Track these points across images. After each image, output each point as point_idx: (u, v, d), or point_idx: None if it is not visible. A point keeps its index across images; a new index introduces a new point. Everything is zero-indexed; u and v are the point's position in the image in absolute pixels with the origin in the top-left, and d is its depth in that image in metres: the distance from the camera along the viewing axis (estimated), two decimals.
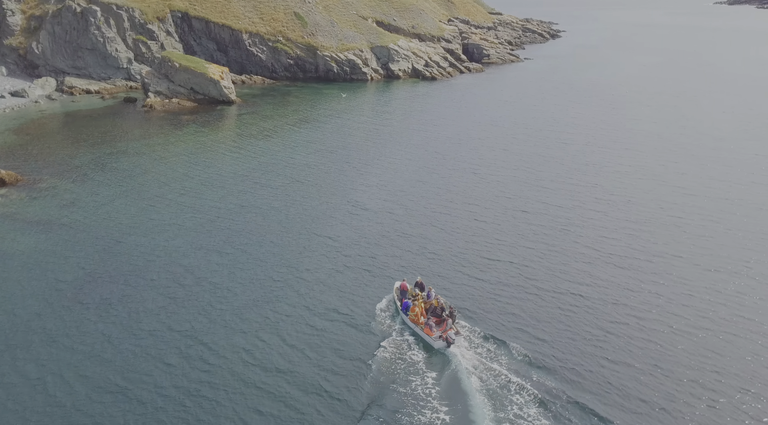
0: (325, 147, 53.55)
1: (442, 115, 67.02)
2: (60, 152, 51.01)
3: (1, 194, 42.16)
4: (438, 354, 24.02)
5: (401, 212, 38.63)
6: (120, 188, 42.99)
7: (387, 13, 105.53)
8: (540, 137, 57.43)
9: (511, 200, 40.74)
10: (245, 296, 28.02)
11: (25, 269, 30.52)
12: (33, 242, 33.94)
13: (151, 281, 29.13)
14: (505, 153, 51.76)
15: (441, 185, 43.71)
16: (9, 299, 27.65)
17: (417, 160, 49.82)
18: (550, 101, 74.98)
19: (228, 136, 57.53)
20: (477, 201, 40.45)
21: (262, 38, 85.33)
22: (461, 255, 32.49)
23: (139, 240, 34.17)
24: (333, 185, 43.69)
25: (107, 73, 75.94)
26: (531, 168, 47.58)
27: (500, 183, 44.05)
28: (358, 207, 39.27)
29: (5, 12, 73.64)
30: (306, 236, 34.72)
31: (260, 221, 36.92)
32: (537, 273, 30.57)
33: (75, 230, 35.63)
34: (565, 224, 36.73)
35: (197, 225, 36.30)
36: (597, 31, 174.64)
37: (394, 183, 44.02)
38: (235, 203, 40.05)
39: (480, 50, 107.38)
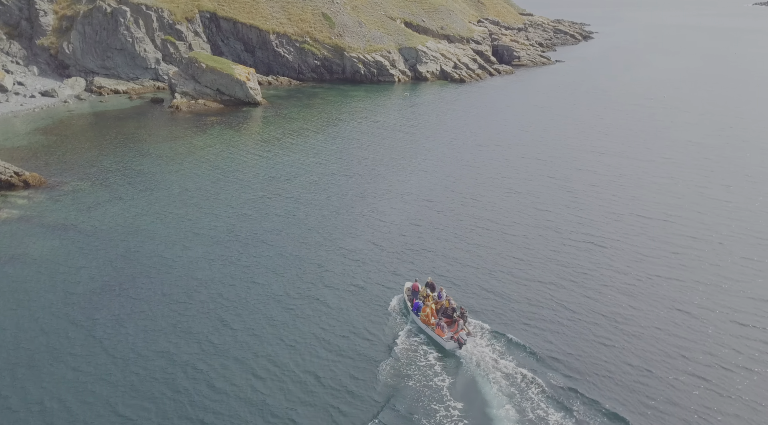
0: (349, 152, 51.87)
1: (471, 119, 64.74)
2: (85, 154, 50.41)
3: (23, 196, 41.59)
4: (449, 354, 23.70)
5: (425, 223, 36.64)
6: (141, 192, 42.00)
7: (416, 13, 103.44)
8: (573, 144, 54.75)
9: (543, 213, 38.37)
10: (259, 314, 26.43)
11: (37, 279, 29.49)
12: (48, 249, 32.98)
13: (164, 296, 27.76)
14: (536, 162, 49.28)
15: (468, 194, 41.56)
16: (16, 311, 26.55)
17: (443, 167, 47.74)
18: (583, 106, 72.00)
19: (252, 139, 56.32)
20: (506, 214, 38.20)
21: (290, 39, 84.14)
22: (491, 273, 30.37)
23: (155, 249, 32.93)
24: (355, 193, 41.94)
25: (135, 74, 75.63)
26: (563, 178, 45.07)
27: (530, 194, 41.68)
28: (381, 218, 37.40)
29: (38, 12, 73.86)
30: (325, 249, 33.00)
31: (279, 231, 35.37)
32: (570, 295, 28.31)
33: (91, 237, 34.60)
34: (601, 241, 34.24)
35: (215, 234, 34.93)
36: (631, 32, 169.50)
37: (418, 192, 42.05)
38: (254, 210, 38.62)
39: (510, 52, 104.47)
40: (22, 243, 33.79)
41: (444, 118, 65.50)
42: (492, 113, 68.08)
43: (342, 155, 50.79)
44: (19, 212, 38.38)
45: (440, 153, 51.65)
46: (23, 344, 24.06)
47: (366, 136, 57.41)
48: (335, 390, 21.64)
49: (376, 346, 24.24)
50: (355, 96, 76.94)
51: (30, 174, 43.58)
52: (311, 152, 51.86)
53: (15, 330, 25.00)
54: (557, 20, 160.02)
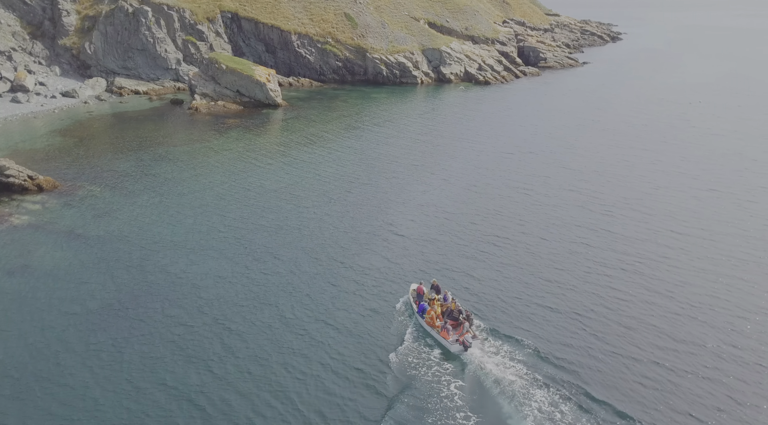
0: (369, 159, 49.70)
1: (495, 124, 62.07)
2: (100, 156, 49.18)
3: (36, 200, 40.37)
4: (454, 358, 23.28)
5: (445, 238, 34.24)
6: (153, 198, 40.45)
7: (440, 14, 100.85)
8: (603, 153, 51.78)
9: (571, 229, 35.69)
10: (265, 339, 24.35)
11: (35, 295, 27.78)
12: (52, 261, 31.43)
13: (166, 318, 25.84)
14: (564, 171, 46.49)
15: (490, 207, 38.98)
16: (7, 332, 24.82)
17: (465, 176, 45.22)
18: (613, 111, 68.73)
19: (270, 143, 54.52)
20: (531, 229, 35.59)
21: (311, 39, 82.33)
22: (518, 298, 27.93)
23: (161, 262, 31.14)
24: (373, 204, 39.73)
25: (156, 74, 74.57)
26: (593, 191, 42.26)
27: (558, 207, 38.99)
28: (398, 232, 35.01)
29: (61, 12, 73.22)
30: (339, 266, 30.78)
31: (292, 244, 33.32)
32: (602, 325, 25.74)
33: (98, 247, 33.00)
34: (635, 262, 31.50)
35: (225, 247, 33.02)
36: (660, 33, 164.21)
37: (438, 203, 39.64)
38: (268, 220, 36.65)
39: (536, 53, 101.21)
40: (28, 253, 32.35)
41: (467, 122, 62.94)
42: (517, 117, 65.30)
43: (361, 162, 48.67)
44: (29, 219, 37.10)
45: (462, 161, 49.17)
46: (10, 371, 22.26)
47: (386, 141, 55.21)
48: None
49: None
50: (377, 98, 74.80)
51: (44, 178, 42.40)
52: (329, 158, 49.85)
53: (1, 355, 23.34)
54: (584, 21, 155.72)
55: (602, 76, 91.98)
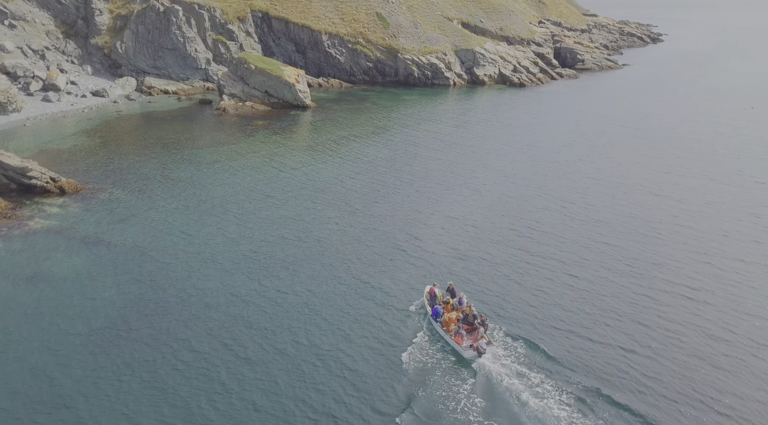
0: (397, 165, 47.21)
1: (530, 129, 58.88)
2: (125, 158, 47.99)
3: (58, 204, 39.21)
4: (468, 363, 22.43)
5: (473, 256, 31.48)
6: (176, 204, 38.86)
7: (474, 14, 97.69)
8: (645, 163, 48.18)
9: (613, 250, 32.49)
10: (276, 369, 22.21)
11: (39, 311, 26.09)
12: (66, 270, 29.91)
13: (173, 342, 23.78)
14: (605, 184, 43.18)
15: (523, 222, 36.01)
16: (9, 353, 23.33)
17: (497, 186, 42.32)
18: (656, 117, 64.69)
19: (296, 147, 52.56)
20: (569, 249, 32.56)
21: (342, 40, 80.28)
22: (555, 328, 25.17)
23: (175, 276, 29.30)
24: (400, 216, 37.21)
25: (186, 74, 73.60)
26: (638, 206, 38.90)
27: (598, 224, 35.77)
28: (424, 249, 32.26)
29: (94, 11, 72.87)
30: (358, 289, 28.44)
31: (313, 261, 31.01)
32: (653, 362, 22.80)
33: (115, 256, 31.45)
34: (688, 291, 28.27)
35: (243, 260, 30.97)
36: (704, 35, 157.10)
37: (468, 216, 36.85)
38: (290, 231, 34.51)
39: (574, 55, 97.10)
40: (40, 261, 30.93)
41: (500, 127, 59.91)
42: (553, 122, 61.92)
43: (389, 169, 46.23)
44: (48, 223, 35.88)
45: (494, 169, 46.25)
46: (15, 391, 20.71)
47: (415, 147, 52.65)
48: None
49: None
50: (408, 100, 72.29)
51: (66, 180, 41.26)
52: (357, 164, 47.55)
53: (11, 375, 21.67)
54: (623, 21, 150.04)
55: (643, 80, 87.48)
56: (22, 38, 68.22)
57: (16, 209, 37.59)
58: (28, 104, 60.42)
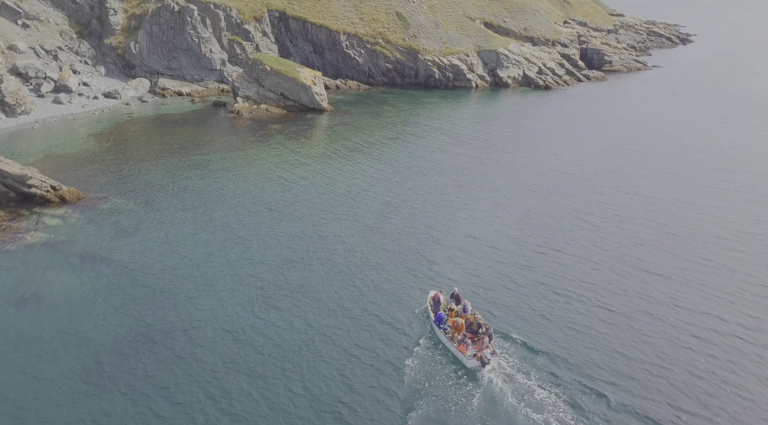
0: (415, 176, 43.96)
1: (556, 135, 55.22)
2: (132, 164, 45.58)
3: (58, 214, 36.84)
4: (471, 373, 21.45)
5: (492, 285, 28.22)
6: (184, 216, 36.23)
7: (497, 13, 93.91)
8: (682, 175, 44.29)
9: (652, 278, 28.89)
10: (282, 400, 19.43)
11: (42, 333, 23.74)
12: (66, 289, 27.47)
13: (177, 374, 21.13)
14: (639, 199, 39.44)
15: (550, 242, 32.44)
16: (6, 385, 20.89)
17: (520, 201, 38.78)
18: (690, 123, 60.53)
19: (311, 154, 49.64)
20: (600, 277, 29.11)
21: (361, 40, 77.23)
22: (581, 366, 21.92)
23: (186, 296, 26.68)
24: (416, 234, 33.93)
25: (200, 75, 71.24)
26: (677, 227, 35.23)
27: (634, 247, 32.15)
28: (440, 273, 29.05)
29: (108, 11, 70.86)
30: (367, 318, 25.50)
31: (322, 283, 28.06)
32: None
33: (119, 275, 28.90)
34: (745, 334, 24.80)
35: (250, 283, 28.14)
36: (735, 35, 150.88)
37: (488, 236, 33.37)
38: (298, 250, 31.55)
39: (601, 56, 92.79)
40: (37, 279, 28.52)
41: (525, 133, 56.34)
42: (581, 129, 58.15)
43: (404, 180, 43.01)
44: (45, 236, 33.48)
45: (517, 181, 42.74)
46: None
47: (434, 155, 49.37)
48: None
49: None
50: (428, 103, 69.01)
51: (67, 189, 38.91)
52: (371, 174, 44.45)
53: None
54: (650, 22, 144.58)
55: (675, 82, 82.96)
56: (35, 38, 66.44)
57: (12, 220, 35.29)
58: (39, 106, 58.51)
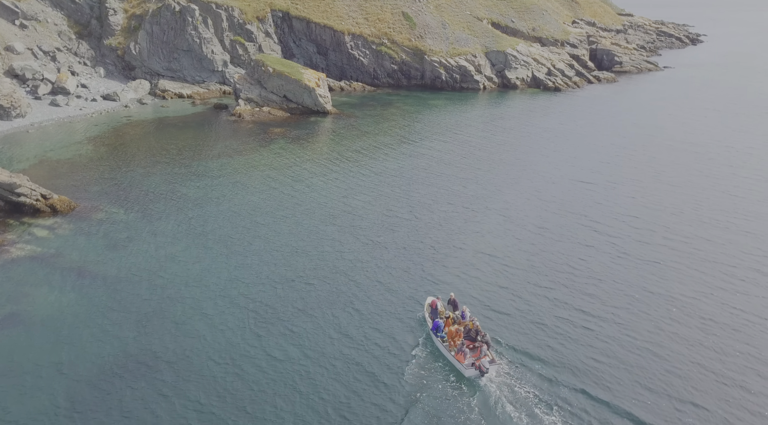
0: (420, 185, 41.70)
1: (567, 142, 52.85)
2: (129, 171, 43.53)
3: (47, 225, 34.79)
4: (469, 383, 20.72)
5: (502, 308, 26.09)
6: (182, 226, 34.13)
7: (505, 13, 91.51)
8: (703, 186, 41.89)
9: (678, 304, 26.57)
10: None
11: (22, 359, 21.61)
12: (51, 308, 25.43)
13: (168, 414, 19.10)
14: (656, 213, 36.98)
15: (564, 262, 30.05)
16: None
17: (531, 212, 36.36)
18: (706, 128, 58.05)
19: (315, 159, 47.46)
20: (622, 304, 26.78)
21: (366, 41, 75.00)
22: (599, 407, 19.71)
23: (181, 316, 24.64)
24: (419, 249, 31.67)
25: (201, 76, 69.18)
26: (700, 244, 32.85)
27: (656, 267, 29.60)
28: (448, 292, 27.16)
29: (107, 11, 68.86)
30: (368, 346, 23.36)
31: (319, 306, 25.89)
32: None
33: (109, 292, 26.88)
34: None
35: (243, 305, 25.99)
36: (746, 35, 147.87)
37: (498, 252, 30.99)
38: (296, 267, 29.37)
39: (611, 57, 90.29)
40: (20, 297, 26.48)
41: (535, 138, 54.00)
42: (593, 134, 55.78)
43: (411, 190, 40.70)
44: (33, 249, 31.43)
45: (528, 191, 40.30)
46: None
47: (441, 162, 47.06)
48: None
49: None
50: (435, 105, 66.75)
51: (58, 198, 36.86)
52: (375, 183, 42.20)
53: None
54: (659, 21, 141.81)
55: (688, 84, 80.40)
56: (33, 39, 64.51)
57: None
58: (35, 109, 56.56)
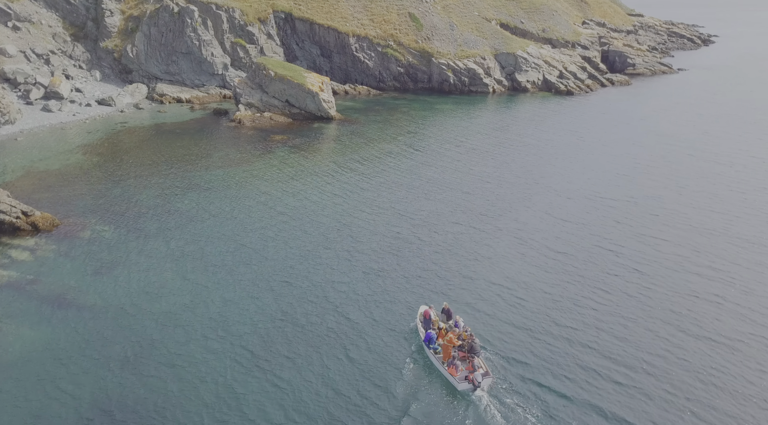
0: (429, 199, 38.51)
1: (581, 152, 49.50)
2: (120, 183, 40.49)
3: (27, 245, 31.72)
4: (461, 397, 19.75)
5: (519, 347, 22.97)
6: (174, 246, 31.07)
7: (513, 14, 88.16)
8: (735, 203, 38.64)
9: (713, 347, 23.45)
10: None
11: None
12: (25, 346, 22.43)
13: None
14: (684, 234, 33.74)
15: (585, 294, 26.84)
16: None
17: (545, 233, 32.97)
18: (730, 137, 54.62)
19: (319, 170, 44.27)
20: (654, 348, 23.68)
21: (371, 42, 71.78)
22: None
23: (167, 355, 21.62)
24: (424, 276, 28.59)
25: (201, 80, 66.09)
26: (737, 272, 29.65)
27: (688, 301, 26.44)
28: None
29: (104, 12, 65.83)
30: (371, 379, 20.27)
31: (308, 349, 22.81)
32: None
33: (90, 325, 23.95)
34: None
35: (230, 351, 22.98)
36: (757, 35, 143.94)
37: (512, 280, 27.80)
38: (286, 302, 26.35)
39: (623, 59, 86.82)
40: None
41: (549, 147, 50.68)
42: (610, 142, 52.42)
43: (417, 204, 37.46)
44: (10, 275, 28.37)
45: (541, 207, 36.77)
46: None
47: (450, 172, 43.79)
48: None
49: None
50: (443, 110, 63.52)
51: (41, 215, 33.80)
52: (380, 196, 38.99)
53: None
54: (669, 22, 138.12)
55: (705, 87, 76.88)
56: (26, 41, 61.52)
57: None
58: (26, 115, 53.59)
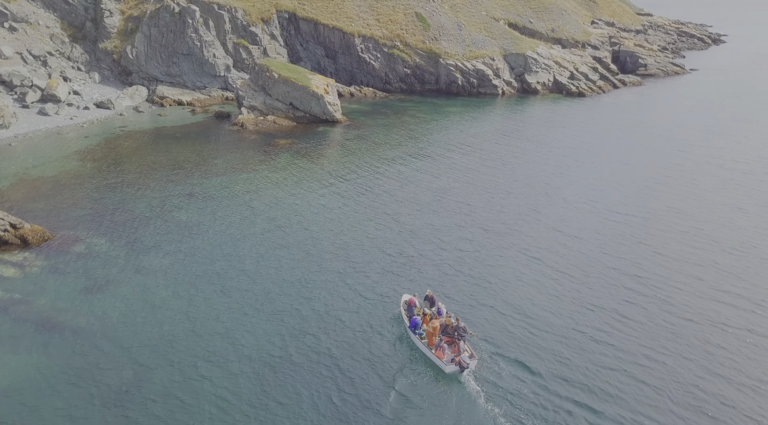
0: (437, 206, 36.22)
1: (595, 160, 47.10)
2: (117, 191, 38.35)
3: (15, 261, 29.55)
4: (449, 379, 19.79)
5: (538, 389, 20.73)
6: (172, 260, 28.91)
7: (522, 13, 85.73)
8: (760, 218, 36.34)
9: (749, 392, 21.28)
10: None
11: None
12: (13, 374, 20.43)
13: None
14: (712, 251, 31.34)
15: (603, 320, 24.63)
16: None
17: (561, 252, 30.63)
18: (750, 143, 52.18)
19: (322, 177, 42.03)
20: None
21: (377, 43, 69.48)
22: None
23: (161, 390, 19.43)
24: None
25: (202, 82, 63.92)
26: (744, 278, 27.36)
27: (722, 332, 24.25)
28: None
29: (103, 12, 63.70)
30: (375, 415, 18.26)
31: (298, 391, 20.72)
32: None
33: (80, 352, 21.81)
34: None
35: (217, 394, 20.86)
36: (767, 35, 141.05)
37: (525, 307, 25.57)
38: (282, 336, 24.23)
39: (635, 59, 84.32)
40: None
41: (561, 154, 48.31)
42: (625, 148, 50.00)
43: (424, 217, 35.16)
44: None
45: (553, 223, 34.19)
46: None
47: (457, 181, 41.45)
48: None
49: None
50: (451, 113, 61.22)
51: (30, 227, 31.63)
52: (384, 208, 36.65)
53: None
54: (678, 21, 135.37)
55: (719, 89, 74.33)
56: (23, 42, 59.44)
57: None
58: (21, 118, 51.50)
